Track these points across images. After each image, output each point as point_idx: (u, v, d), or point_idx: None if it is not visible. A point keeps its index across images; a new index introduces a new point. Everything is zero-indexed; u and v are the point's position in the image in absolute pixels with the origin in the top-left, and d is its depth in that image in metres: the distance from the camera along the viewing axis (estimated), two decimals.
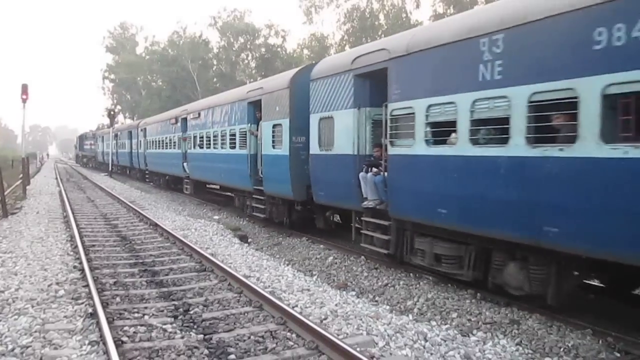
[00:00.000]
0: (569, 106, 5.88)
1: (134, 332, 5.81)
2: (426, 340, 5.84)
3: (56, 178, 36.26)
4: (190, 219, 16.27)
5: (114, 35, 78.46)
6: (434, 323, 6.82)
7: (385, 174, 9.41)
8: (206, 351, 5.34)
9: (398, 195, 9.09)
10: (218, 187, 21.54)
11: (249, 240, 13.69)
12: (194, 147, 21.34)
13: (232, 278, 7.96)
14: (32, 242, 11.41)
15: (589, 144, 5.68)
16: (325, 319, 6.43)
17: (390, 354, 5.46)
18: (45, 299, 7.03)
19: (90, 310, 6.54)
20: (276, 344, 5.56)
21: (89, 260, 9.20)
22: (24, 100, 22.94)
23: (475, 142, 7.31)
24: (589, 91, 5.66)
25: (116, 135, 42.53)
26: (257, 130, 14.95)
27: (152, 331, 5.87)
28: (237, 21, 62.12)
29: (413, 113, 8.44)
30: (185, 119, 22.96)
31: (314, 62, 14.69)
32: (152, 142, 29.52)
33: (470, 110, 7.32)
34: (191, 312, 6.57)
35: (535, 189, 6.43)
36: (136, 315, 6.44)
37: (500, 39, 6.89)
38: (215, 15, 62.71)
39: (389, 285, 8.96)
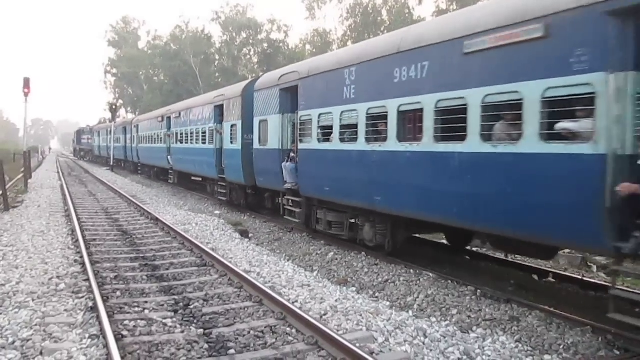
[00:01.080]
0: (384, 117, 9.24)
1: (134, 326, 5.83)
2: (426, 337, 5.85)
3: (58, 172, 36.31)
4: (191, 214, 16.29)
5: (117, 30, 78.31)
6: (433, 319, 6.83)
7: (297, 163, 12.69)
8: (206, 346, 5.35)
9: (304, 179, 12.31)
10: (200, 178, 23.94)
11: (250, 235, 13.71)
12: (176, 142, 24.89)
13: (233, 273, 7.98)
14: (33, 235, 11.44)
15: (392, 142, 9.07)
16: (325, 314, 6.44)
17: (390, 349, 5.46)
18: (45, 292, 7.05)
19: (90, 304, 6.56)
20: (276, 339, 5.57)
21: (89, 254, 9.22)
22: (26, 94, 23.01)
23: (342, 140, 10.58)
24: (393, 109, 9.02)
25: (111, 131, 45.13)
26: (222, 129, 18.25)
27: (152, 325, 5.88)
28: (239, 16, 62.07)
29: (311, 119, 11.74)
30: (170, 117, 26.32)
31: (260, 74, 17.99)
32: (143, 137, 32.64)
33: (339, 118, 10.60)
34: (191, 307, 6.58)
35: (369, 171, 9.78)
36: (136, 309, 6.46)
37: (354, 70, 10.20)
38: (218, 9, 62.88)
39: (389, 281, 8.96)
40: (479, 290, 7.95)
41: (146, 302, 6.75)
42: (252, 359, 5.10)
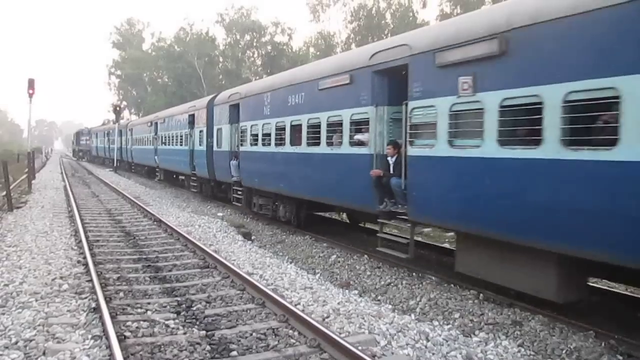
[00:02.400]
0: (284, 129, 13.23)
1: (137, 327, 5.84)
2: (428, 340, 5.84)
3: (61, 173, 36.41)
4: (194, 216, 16.32)
5: (121, 31, 78.47)
6: (436, 323, 6.81)
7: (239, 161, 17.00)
8: (208, 347, 5.35)
9: (244, 173, 16.63)
10: (182, 175, 27.28)
11: (253, 237, 13.72)
12: (161, 144, 29.31)
13: (235, 275, 7.98)
14: (37, 236, 11.47)
15: (287, 146, 13.11)
16: (327, 317, 6.43)
17: (392, 353, 5.45)
18: (49, 293, 7.07)
19: (93, 304, 6.57)
20: (278, 341, 5.57)
21: (92, 255, 9.24)
22: (31, 95, 23.08)
23: (263, 144, 14.78)
24: (288, 123, 13.05)
25: (108, 133, 50.42)
26: (193, 133, 22.75)
27: (155, 327, 5.88)
28: (243, 18, 62.16)
29: (247, 128, 16.08)
30: (157, 123, 30.77)
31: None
32: (136, 140, 37.40)
33: (262, 129, 14.83)
34: (194, 309, 6.59)
35: (277, 166, 13.84)
36: (139, 310, 6.47)
37: (269, 95, 14.51)
38: (222, 12, 62.90)
39: (392, 284, 8.95)
40: (481, 294, 7.94)
41: (149, 303, 6.76)
42: None
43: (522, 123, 6.67)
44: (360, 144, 10.19)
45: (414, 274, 9.28)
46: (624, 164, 5.46)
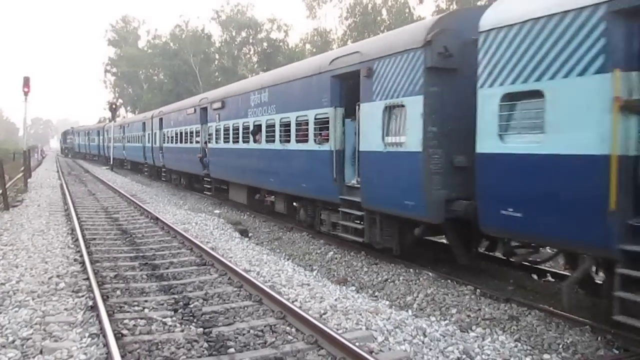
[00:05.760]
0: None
1: (134, 325, 5.83)
2: (425, 336, 5.85)
3: (57, 171, 36.30)
4: (191, 213, 16.30)
5: (116, 29, 78.21)
6: (433, 319, 6.84)
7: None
8: (206, 344, 5.36)
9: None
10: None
11: (250, 234, 13.71)
12: (127, 142, 38.55)
13: (232, 272, 7.98)
14: (33, 234, 11.44)
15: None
16: (324, 313, 6.44)
17: (389, 349, 5.46)
18: (45, 291, 7.05)
19: (90, 303, 6.56)
20: (275, 338, 5.57)
21: (89, 253, 9.22)
22: (26, 93, 23.01)
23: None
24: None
25: (88, 132, 60.64)
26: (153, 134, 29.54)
27: (152, 324, 5.88)
28: (239, 15, 61.99)
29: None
30: (124, 126, 39.71)
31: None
32: (112, 138, 43.72)
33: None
34: (191, 306, 6.59)
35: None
36: (136, 308, 6.46)
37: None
38: (218, 9, 62.68)
39: (389, 280, 8.97)
40: (478, 290, 7.96)
41: (146, 301, 6.75)
42: (252, 358, 5.10)
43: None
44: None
45: (410, 269, 9.29)
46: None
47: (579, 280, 6.57)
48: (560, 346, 6.07)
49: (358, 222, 10.31)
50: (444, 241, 11.47)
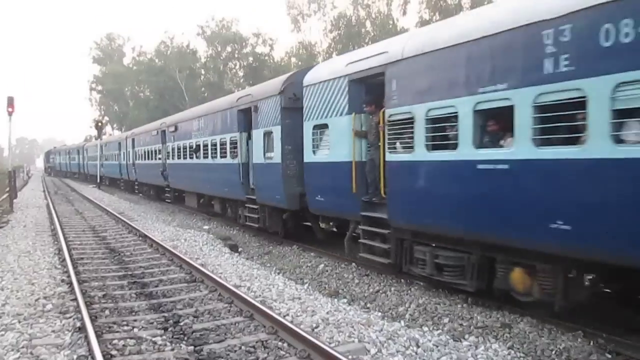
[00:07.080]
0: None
1: (123, 345, 5.74)
2: (418, 346, 5.82)
3: (44, 191, 35.92)
4: (179, 230, 16.18)
5: (101, 47, 77.88)
6: (425, 329, 6.80)
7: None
8: None
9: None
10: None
11: (239, 249, 13.61)
12: (105, 160, 41.46)
13: (223, 288, 7.91)
14: (19, 256, 11.27)
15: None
16: (316, 327, 6.39)
17: None
18: (32, 313, 6.93)
19: (78, 324, 6.46)
20: (267, 353, 5.52)
21: (77, 274, 9.10)
22: (10, 113, 22.70)
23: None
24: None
25: (68, 152, 65.55)
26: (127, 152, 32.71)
27: (142, 344, 5.80)
28: (224, 30, 62.12)
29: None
30: (102, 146, 41.89)
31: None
32: (90, 157, 48.99)
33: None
34: (181, 324, 6.51)
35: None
36: (125, 328, 6.37)
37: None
38: (203, 24, 62.76)
39: (380, 291, 8.94)
40: (470, 298, 7.95)
41: (135, 320, 6.66)
42: None
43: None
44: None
45: (402, 280, 9.28)
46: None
47: (351, 236, 10.59)
48: (553, 352, 6.07)
49: (255, 213, 14.31)
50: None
